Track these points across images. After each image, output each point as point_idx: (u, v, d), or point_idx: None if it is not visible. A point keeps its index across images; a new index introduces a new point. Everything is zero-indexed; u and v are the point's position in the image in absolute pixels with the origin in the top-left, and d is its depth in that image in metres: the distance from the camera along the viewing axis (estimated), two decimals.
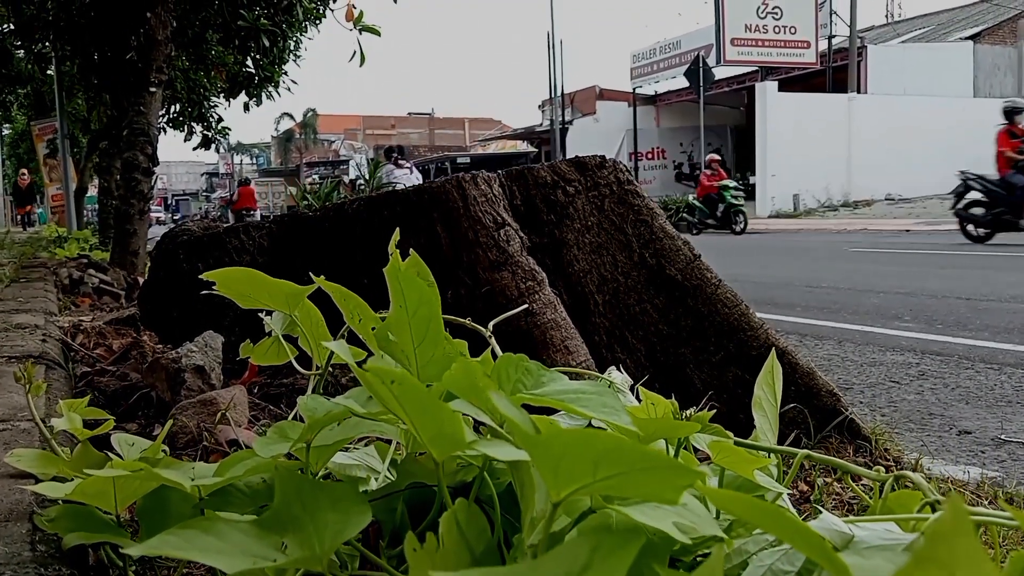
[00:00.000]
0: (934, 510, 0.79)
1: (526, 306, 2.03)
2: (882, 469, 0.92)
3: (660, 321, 2.35)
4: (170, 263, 2.52)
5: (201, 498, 0.91)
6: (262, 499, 0.90)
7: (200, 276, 1.26)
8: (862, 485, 1.57)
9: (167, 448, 1.30)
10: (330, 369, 1.52)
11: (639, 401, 1.15)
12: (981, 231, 12.39)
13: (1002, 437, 3.03)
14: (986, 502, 1.91)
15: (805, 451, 0.96)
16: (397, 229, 1.26)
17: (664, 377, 2.30)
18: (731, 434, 0.96)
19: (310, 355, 1.32)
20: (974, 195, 12.30)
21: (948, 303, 6.52)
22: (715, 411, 1.08)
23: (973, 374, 4.10)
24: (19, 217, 25.06)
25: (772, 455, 1.00)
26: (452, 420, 0.65)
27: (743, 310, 2.35)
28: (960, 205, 12.63)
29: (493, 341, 1.26)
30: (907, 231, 17.52)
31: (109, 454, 1.18)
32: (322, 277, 1.15)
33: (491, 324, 1.31)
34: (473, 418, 0.75)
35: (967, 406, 3.50)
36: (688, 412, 1.03)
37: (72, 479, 1.08)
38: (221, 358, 2.06)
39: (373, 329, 1.10)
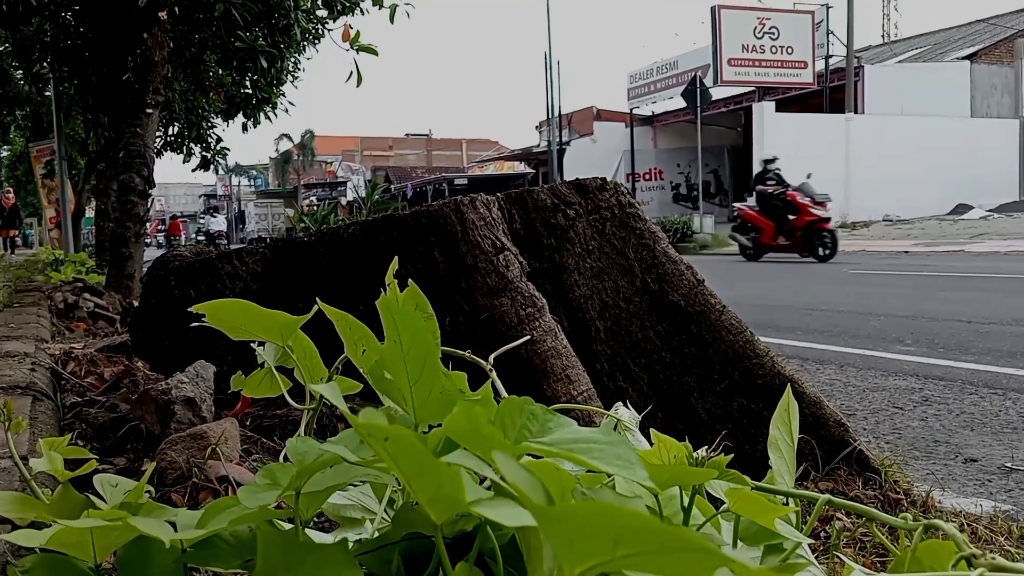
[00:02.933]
0: (970, 565, 0.74)
1: (528, 338, 1.98)
2: (908, 517, 0.86)
3: (663, 348, 2.29)
4: (161, 290, 2.47)
5: (184, 550, 0.86)
6: (249, 551, 0.84)
7: (190, 309, 1.21)
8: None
9: (151, 489, 1.25)
10: (325, 400, 1.46)
11: (648, 440, 1.09)
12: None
13: (1009, 465, 2.97)
14: (1001, 538, 1.85)
15: (827, 496, 0.91)
16: (396, 259, 1.21)
17: (668, 406, 2.24)
18: (748, 479, 0.91)
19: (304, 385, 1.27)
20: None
21: (949, 326, 6.47)
22: (724, 448, 1.03)
23: (977, 400, 4.05)
24: (2, 240, 23.42)
25: (791, 501, 0.95)
26: (451, 479, 0.60)
27: (748, 337, 2.30)
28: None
29: (494, 375, 1.20)
30: (906, 252, 17.49)
31: (91, 496, 1.12)
32: (320, 305, 1.10)
33: (491, 357, 1.25)
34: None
35: (972, 433, 3.44)
36: (700, 454, 0.97)
37: (52, 524, 1.02)
38: (213, 389, 2.00)
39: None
